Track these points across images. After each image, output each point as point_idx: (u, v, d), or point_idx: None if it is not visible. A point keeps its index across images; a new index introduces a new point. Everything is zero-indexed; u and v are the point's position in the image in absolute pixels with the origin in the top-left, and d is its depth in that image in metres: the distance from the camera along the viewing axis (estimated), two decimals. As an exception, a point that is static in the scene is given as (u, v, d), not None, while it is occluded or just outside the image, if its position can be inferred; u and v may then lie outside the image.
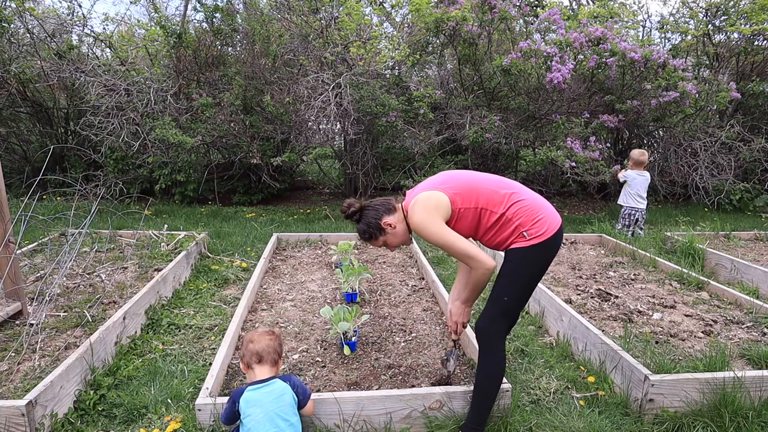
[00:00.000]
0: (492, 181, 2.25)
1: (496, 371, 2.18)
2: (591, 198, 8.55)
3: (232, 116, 6.97)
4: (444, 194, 2.16)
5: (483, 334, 2.18)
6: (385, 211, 2.29)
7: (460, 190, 2.18)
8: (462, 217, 2.18)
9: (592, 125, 6.67)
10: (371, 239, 2.32)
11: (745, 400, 2.40)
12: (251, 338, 2.13)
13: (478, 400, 2.19)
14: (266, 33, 6.90)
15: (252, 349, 2.08)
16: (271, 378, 2.06)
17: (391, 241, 2.32)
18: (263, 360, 2.07)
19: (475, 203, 2.17)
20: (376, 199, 2.36)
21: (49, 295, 3.17)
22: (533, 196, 2.24)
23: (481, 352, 2.19)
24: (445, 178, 2.26)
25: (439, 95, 7.09)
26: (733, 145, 7.54)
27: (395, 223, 2.28)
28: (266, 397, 1.98)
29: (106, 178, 7.15)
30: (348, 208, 2.34)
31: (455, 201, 2.15)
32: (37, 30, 7.35)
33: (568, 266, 4.59)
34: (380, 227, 2.28)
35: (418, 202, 2.17)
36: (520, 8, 7.00)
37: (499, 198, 2.17)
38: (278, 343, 2.16)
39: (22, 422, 2.06)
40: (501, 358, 2.18)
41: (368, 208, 2.31)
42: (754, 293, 4.08)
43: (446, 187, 2.19)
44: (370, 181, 7.87)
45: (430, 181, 2.29)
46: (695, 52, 8.80)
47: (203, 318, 3.49)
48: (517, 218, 2.14)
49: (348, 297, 3.71)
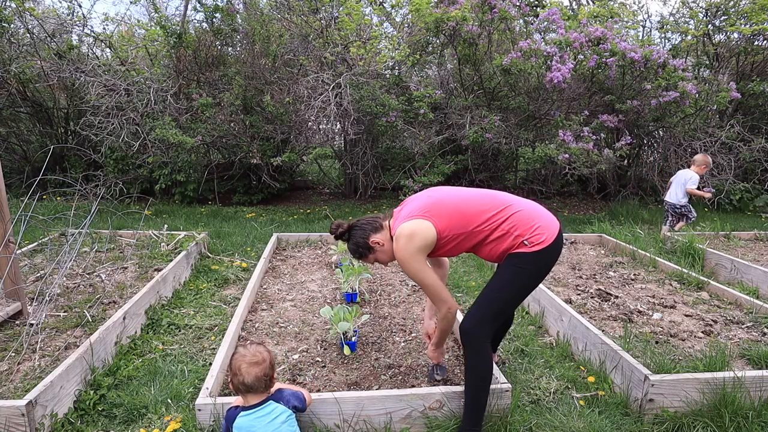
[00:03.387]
0: (483, 199, 2.23)
1: (485, 371, 2.17)
2: (591, 198, 8.55)
3: (232, 116, 6.98)
4: (431, 225, 2.15)
5: (469, 337, 2.16)
6: (372, 230, 2.31)
7: (449, 217, 2.17)
8: (451, 241, 2.20)
9: (592, 125, 6.67)
10: (362, 258, 2.36)
11: (745, 400, 2.40)
12: (239, 368, 1.96)
13: (471, 402, 2.19)
14: (266, 33, 6.90)
15: (241, 381, 1.96)
16: (263, 402, 2.00)
17: (381, 258, 2.35)
18: (253, 390, 1.99)
19: (464, 227, 2.17)
20: (363, 218, 2.38)
21: (49, 295, 3.17)
22: (527, 205, 2.25)
23: (468, 354, 2.18)
24: (433, 201, 2.22)
25: (439, 95, 7.09)
26: (733, 145, 7.54)
27: (383, 241, 2.29)
28: (258, 423, 1.95)
29: (106, 178, 7.15)
30: (336, 229, 2.38)
31: (442, 230, 2.16)
32: (37, 30, 7.35)
33: (568, 266, 4.59)
34: (368, 246, 2.30)
35: (403, 235, 2.14)
36: (520, 8, 6.99)
37: (490, 215, 2.18)
38: (269, 365, 2.02)
39: (22, 422, 2.06)
40: (488, 357, 2.17)
41: (356, 228, 2.34)
42: (754, 293, 4.08)
43: (434, 214, 2.16)
44: (370, 181, 7.87)
45: (419, 201, 2.25)
46: (695, 52, 8.80)
47: (203, 318, 3.49)
48: (514, 230, 2.15)
49: (348, 297, 3.71)
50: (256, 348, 2.03)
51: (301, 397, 2.11)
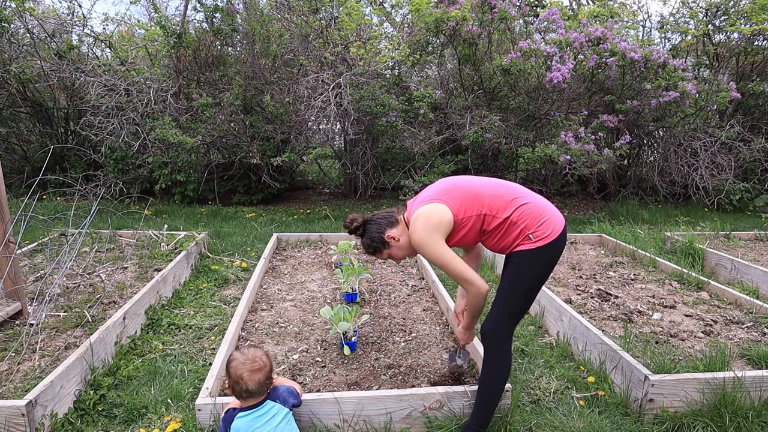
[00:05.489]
0: (495, 185, 2.23)
1: (503, 372, 2.17)
2: (591, 198, 8.55)
3: (232, 116, 6.97)
4: (446, 207, 2.14)
5: (490, 338, 2.16)
6: (387, 224, 2.29)
7: (463, 199, 2.16)
8: (465, 225, 2.17)
9: (592, 125, 6.67)
10: (376, 253, 2.33)
11: (745, 400, 2.40)
12: (240, 376, 1.94)
13: (482, 402, 2.18)
14: (266, 33, 6.90)
15: (244, 389, 1.96)
16: (261, 402, 2.00)
17: (395, 254, 2.32)
18: (255, 395, 1.99)
19: (478, 210, 2.15)
20: (378, 213, 2.36)
21: (49, 295, 3.17)
22: (536, 198, 2.24)
23: (487, 354, 2.18)
24: (447, 186, 2.23)
25: (439, 95, 7.09)
26: (733, 145, 7.54)
27: (398, 235, 2.27)
28: (257, 423, 1.95)
29: (106, 178, 7.14)
30: (351, 223, 2.36)
31: (458, 212, 2.14)
32: (37, 30, 7.34)
33: (568, 266, 4.59)
34: (384, 241, 2.28)
35: (420, 218, 2.14)
36: (520, 8, 6.99)
37: (502, 203, 2.16)
38: (269, 369, 2.02)
39: (22, 422, 2.06)
40: (507, 359, 2.17)
41: (371, 222, 2.32)
42: (754, 293, 4.08)
43: (448, 197, 2.17)
44: (370, 181, 7.87)
45: (432, 189, 2.26)
46: (695, 52, 8.80)
47: (203, 318, 3.49)
48: (522, 221, 2.14)
49: (348, 297, 3.71)
50: (254, 353, 2.01)
51: (295, 392, 2.13)
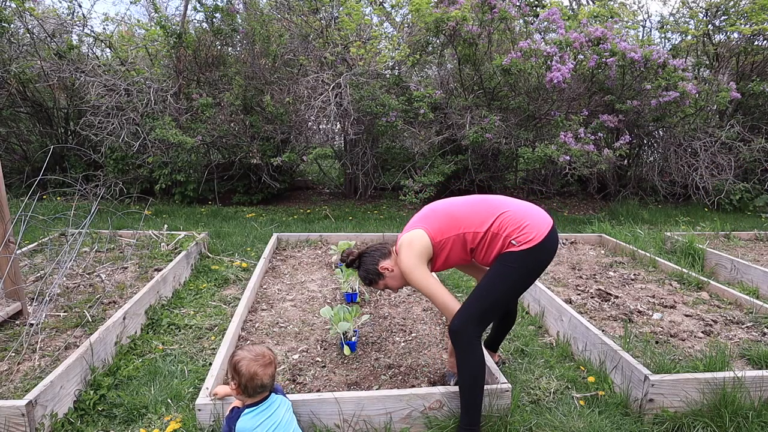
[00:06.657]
0: (473, 203, 2.32)
1: (477, 368, 2.16)
2: (591, 198, 8.55)
3: (232, 116, 6.97)
4: (424, 232, 2.26)
5: (457, 337, 2.16)
6: (380, 256, 2.39)
7: (440, 222, 2.27)
8: (445, 247, 2.26)
9: (592, 125, 6.67)
10: (372, 284, 2.43)
11: (745, 400, 2.40)
12: (255, 372, 1.95)
13: (466, 401, 2.19)
14: (266, 33, 6.90)
15: (259, 384, 1.96)
16: (267, 396, 2.02)
17: (391, 284, 2.40)
18: (267, 389, 2.01)
19: (455, 230, 2.25)
20: (372, 245, 2.48)
21: (49, 295, 3.17)
22: (517, 205, 2.28)
23: (459, 353, 2.17)
24: (426, 212, 2.38)
25: (439, 95, 7.09)
26: (733, 145, 7.54)
27: (392, 266, 2.37)
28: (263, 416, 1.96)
29: (106, 178, 7.14)
30: (347, 257, 2.48)
31: (435, 236, 2.25)
32: (37, 30, 7.34)
33: (568, 266, 4.59)
34: (378, 272, 2.37)
35: (403, 246, 2.27)
36: (520, 8, 6.99)
37: (480, 218, 2.24)
38: (276, 361, 2.08)
39: (22, 422, 2.06)
40: (479, 355, 2.17)
41: (365, 255, 2.44)
42: (754, 293, 4.08)
43: (426, 222, 2.31)
44: (370, 181, 7.87)
45: (415, 217, 2.41)
46: (695, 52, 8.80)
47: (203, 318, 3.49)
48: (503, 230, 2.20)
49: (348, 297, 3.71)
50: (261, 349, 2.04)
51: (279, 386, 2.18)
